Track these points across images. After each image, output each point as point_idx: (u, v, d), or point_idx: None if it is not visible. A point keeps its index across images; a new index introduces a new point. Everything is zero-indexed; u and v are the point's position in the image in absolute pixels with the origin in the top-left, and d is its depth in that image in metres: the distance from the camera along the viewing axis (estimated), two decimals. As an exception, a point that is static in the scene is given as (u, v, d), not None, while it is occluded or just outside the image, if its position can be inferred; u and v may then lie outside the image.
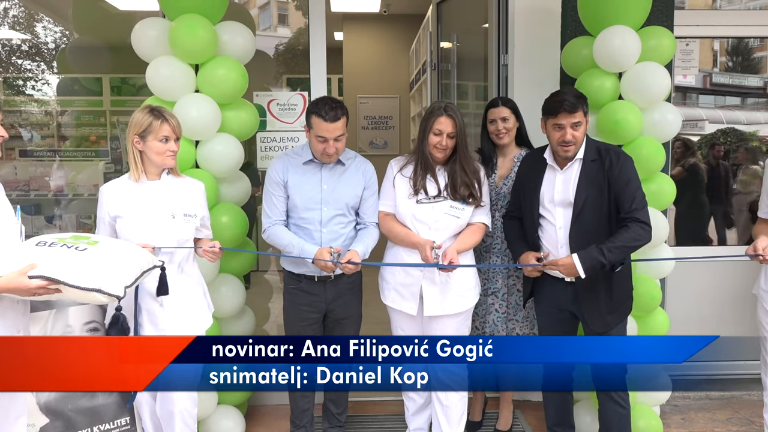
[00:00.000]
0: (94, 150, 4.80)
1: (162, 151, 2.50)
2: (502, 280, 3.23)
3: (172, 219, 2.54)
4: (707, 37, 4.68)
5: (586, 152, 2.75)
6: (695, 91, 5.23)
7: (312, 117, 2.75)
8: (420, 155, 2.84)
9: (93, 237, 2.20)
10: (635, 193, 2.68)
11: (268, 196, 2.90)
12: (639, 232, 2.65)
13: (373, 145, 8.15)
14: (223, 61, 3.08)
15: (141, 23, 3.10)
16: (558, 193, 2.76)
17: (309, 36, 3.65)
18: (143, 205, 2.52)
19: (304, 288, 2.93)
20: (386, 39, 8.05)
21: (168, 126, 2.49)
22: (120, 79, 4.76)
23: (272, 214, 2.89)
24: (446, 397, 2.92)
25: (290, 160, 2.90)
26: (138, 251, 2.29)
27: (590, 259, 2.61)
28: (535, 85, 3.60)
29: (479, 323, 3.26)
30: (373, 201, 2.96)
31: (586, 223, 2.70)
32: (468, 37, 4.80)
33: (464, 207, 2.83)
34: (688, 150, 4.72)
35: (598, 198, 2.69)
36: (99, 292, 2.00)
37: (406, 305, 2.89)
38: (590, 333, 2.80)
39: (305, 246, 2.81)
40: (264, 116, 3.69)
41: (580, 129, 2.69)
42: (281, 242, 2.86)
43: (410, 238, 2.83)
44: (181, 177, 2.66)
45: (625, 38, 3.03)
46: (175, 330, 2.56)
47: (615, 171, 2.68)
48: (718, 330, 3.00)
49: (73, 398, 2.73)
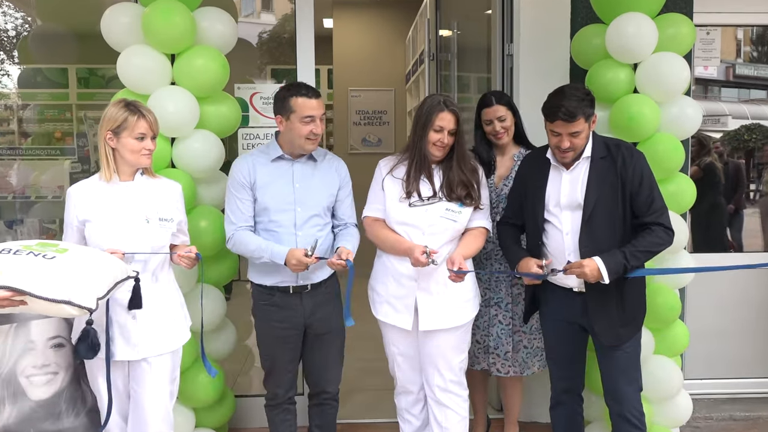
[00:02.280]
0: (59, 148, 4.78)
1: (137, 150, 2.50)
2: (506, 289, 3.24)
3: (147, 224, 2.54)
4: (730, 25, 4.71)
5: (593, 149, 2.75)
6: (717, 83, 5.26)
7: (292, 99, 2.76)
8: (416, 154, 2.84)
9: (61, 244, 2.20)
10: (653, 194, 2.69)
11: (232, 200, 2.86)
12: (663, 236, 2.66)
13: (366, 142, 8.17)
14: (201, 50, 3.09)
15: (111, 9, 3.10)
16: (565, 195, 2.75)
17: (296, 23, 3.66)
18: (115, 209, 2.52)
19: (278, 302, 2.89)
20: (380, 26, 8.08)
21: (145, 122, 2.50)
22: (88, 70, 4.75)
23: (236, 220, 2.85)
24: (445, 419, 2.92)
25: (256, 159, 2.88)
26: (111, 260, 2.28)
27: (615, 263, 2.60)
28: (542, 77, 3.63)
29: (481, 336, 3.27)
30: (349, 201, 2.99)
31: (597, 227, 2.69)
32: (469, 24, 4.82)
33: (461, 209, 2.82)
34: (704, 148, 4.74)
35: (611, 199, 2.69)
36: (69, 304, 2.00)
37: (400, 319, 2.89)
38: (601, 347, 2.81)
39: (275, 249, 2.77)
40: (246, 111, 3.70)
41: (580, 136, 2.68)
42: (247, 249, 2.82)
43: (400, 244, 2.83)
44: (157, 178, 2.66)
45: (641, 26, 3.06)
46: (149, 345, 2.57)
47: (629, 169, 2.68)
48: (742, 343, 3.02)
49: (35, 421, 2.73)
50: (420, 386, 3.02)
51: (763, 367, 4.15)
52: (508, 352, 3.25)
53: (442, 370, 2.89)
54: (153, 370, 2.60)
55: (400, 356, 2.99)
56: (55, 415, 2.73)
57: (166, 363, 2.63)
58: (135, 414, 2.64)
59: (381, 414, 3.83)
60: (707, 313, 3.13)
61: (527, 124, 3.37)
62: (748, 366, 2.83)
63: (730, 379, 4.08)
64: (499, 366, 3.28)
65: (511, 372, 3.28)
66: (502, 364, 3.27)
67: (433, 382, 2.91)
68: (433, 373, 2.91)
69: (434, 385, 2.91)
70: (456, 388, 2.93)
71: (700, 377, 4.01)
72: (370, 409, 4.04)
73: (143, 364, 2.59)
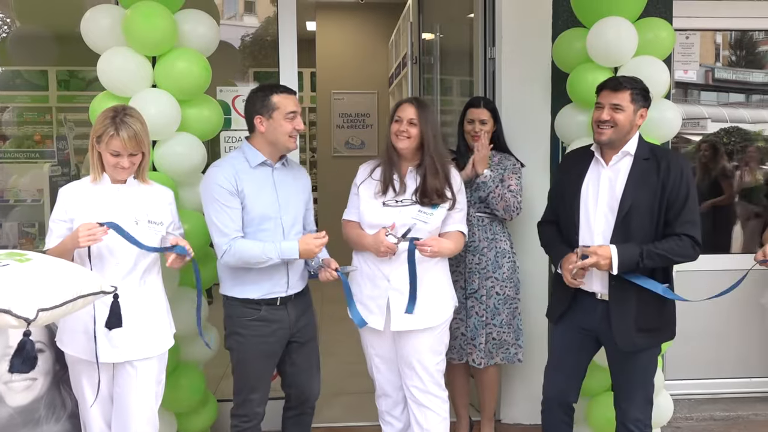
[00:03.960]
0: (38, 151, 4.74)
1: (112, 164, 2.50)
2: (479, 281, 3.31)
3: (135, 225, 2.52)
4: (709, 30, 4.77)
5: (638, 148, 2.68)
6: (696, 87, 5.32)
7: (273, 97, 2.70)
8: (387, 151, 2.91)
9: (29, 254, 2.11)
10: (691, 205, 2.61)
11: (221, 211, 2.68)
12: (688, 249, 2.60)
13: (349, 145, 8.17)
14: (183, 53, 3.07)
15: (92, 11, 3.09)
16: (603, 193, 2.69)
17: (278, 26, 3.66)
18: (103, 209, 2.51)
19: (266, 316, 2.77)
20: (363, 29, 8.09)
21: (118, 141, 2.45)
22: (68, 72, 4.72)
23: (229, 231, 2.68)
24: (426, 420, 2.92)
25: (238, 165, 2.74)
26: (79, 275, 2.18)
27: (629, 256, 2.55)
28: (524, 80, 3.66)
29: (464, 328, 3.33)
30: (311, 208, 2.99)
31: (632, 230, 2.62)
32: (452, 27, 4.84)
33: (433, 211, 2.84)
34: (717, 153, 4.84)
35: (649, 203, 2.61)
36: (8, 313, 1.88)
37: (373, 320, 2.87)
38: (615, 356, 2.76)
39: (283, 245, 2.67)
40: (229, 114, 3.69)
41: (623, 114, 2.62)
42: (251, 255, 2.66)
43: (361, 239, 2.85)
44: (149, 183, 2.66)
45: (621, 30, 3.09)
46: (133, 350, 2.55)
47: (673, 176, 2.60)
48: (722, 344, 3.04)
49: (14, 427, 2.71)
50: (399, 388, 3.02)
51: (742, 368, 4.20)
52: (482, 344, 3.32)
53: (419, 372, 2.89)
54: (139, 374, 2.58)
55: (378, 358, 3.00)
56: (34, 421, 2.70)
57: (152, 367, 2.61)
58: (119, 417, 2.61)
59: (364, 417, 3.82)
60: (687, 314, 3.15)
61: (507, 125, 3.40)
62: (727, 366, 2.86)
63: (711, 379, 4.12)
64: (475, 356, 3.33)
65: (482, 363, 3.34)
66: (477, 354, 3.33)
67: (410, 384, 2.92)
68: (410, 375, 2.91)
69: (412, 387, 2.91)
70: (435, 389, 2.93)
71: (681, 378, 4.05)
72: (352, 412, 4.04)
73: (128, 367, 2.56)
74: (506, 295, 3.34)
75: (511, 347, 3.37)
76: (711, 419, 3.97)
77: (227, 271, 2.79)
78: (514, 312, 3.37)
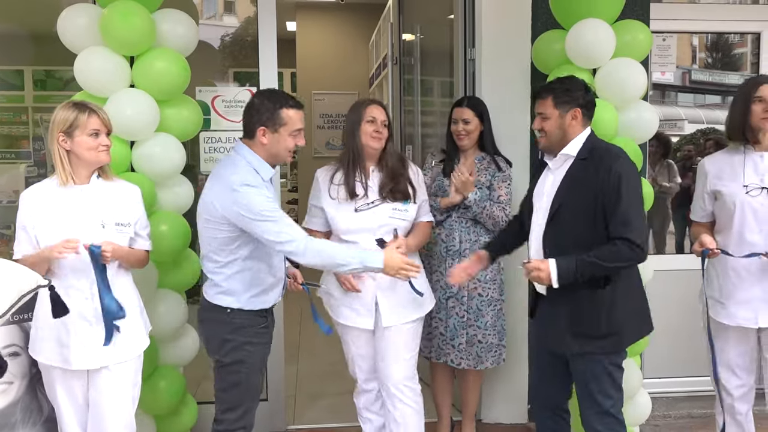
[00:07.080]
0: (14, 151, 4.68)
1: (93, 146, 2.45)
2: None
3: (102, 228, 2.48)
4: (685, 32, 4.83)
5: (580, 150, 2.62)
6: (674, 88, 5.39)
7: (283, 111, 2.56)
8: (351, 153, 2.91)
9: None
10: (625, 206, 2.48)
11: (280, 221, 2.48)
12: (625, 252, 2.47)
13: (330, 146, 8.17)
14: (161, 52, 3.05)
15: (68, 9, 3.05)
16: (546, 196, 2.68)
17: (258, 26, 3.65)
18: (69, 213, 2.46)
19: (269, 323, 2.78)
20: (343, 30, 8.09)
21: (97, 119, 2.45)
22: (44, 72, 4.66)
23: (298, 233, 2.50)
24: (401, 415, 2.94)
25: (258, 180, 2.58)
26: (15, 273, 2.16)
27: (566, 268, 2.49)
28: (504, 81, 3.68)
29: (443, 328, 3.33)
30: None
31: (562, 232, 2.60)
32: (432, 28, 4.85)
33: (407, 206, 2.92)
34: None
35: (583, 204, 2.54)
36: None
37: (362, 321, 2.92)
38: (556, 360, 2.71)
39: (368, 255, 2.54)
40: (208, 114, 3.67)
41: (548, 122, 2.61)
42: (332, 252, 2.52)
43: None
44: (114, 180, 2.61)
45: (599, 32, 3.11)
46: (107, 355, 2.51)
47: (602, 175, 2.51)
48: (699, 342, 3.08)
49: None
50: (377, 384, 3.05)
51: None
52: (462, 344, 3.31)
53: (394, 364, 2.93)
54: (114, 378, 2.55)
55: (360, 356, 3.04)
56: (9, 425, 2.66)
57: (128, 369, 2.58)
58: (95, 422, 2.57)
59: (345, 418, 3.81)
60: (665, 312, 3.18)
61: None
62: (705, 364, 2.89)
63: (688, 377, 4.16)
64: (453, 357, 3.33)
65: (463, 364, 3.34)
66: (455, 355, 3.33)
67: (387, 374, 2.94)
68: (385, 367, 2.94)
69: (388, 377, 2.94)
70: (409, 381, 2.96)
71: (659, 376, 4.09)
72: (333, 413, 4.03)
73: (104, 371, 2.53)
74: (490, 297, 3.34)
75: (497, 348, 3.38)
76: (689, 417, 4.01)
77: (241, 284, 2.63)
78: (499, 314, 3.38)
